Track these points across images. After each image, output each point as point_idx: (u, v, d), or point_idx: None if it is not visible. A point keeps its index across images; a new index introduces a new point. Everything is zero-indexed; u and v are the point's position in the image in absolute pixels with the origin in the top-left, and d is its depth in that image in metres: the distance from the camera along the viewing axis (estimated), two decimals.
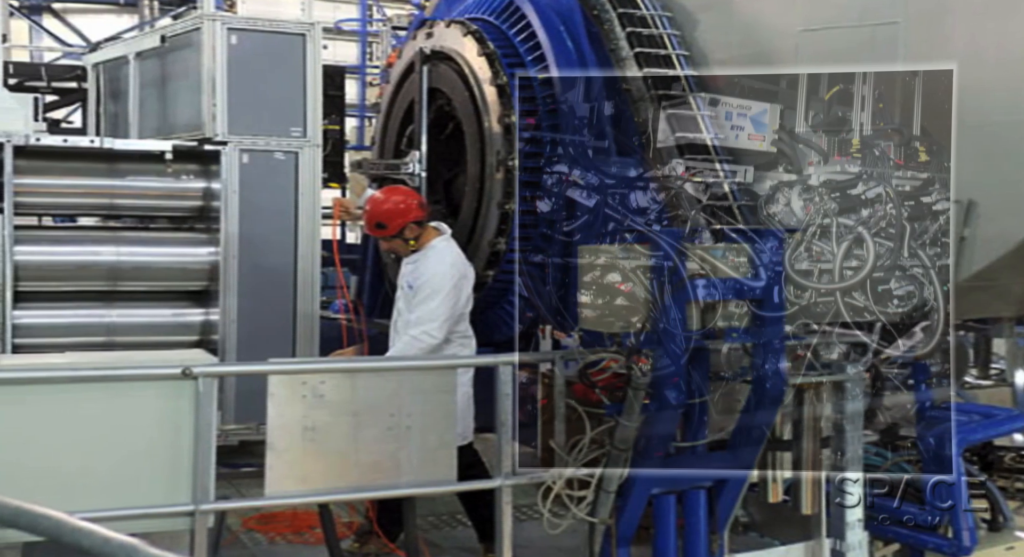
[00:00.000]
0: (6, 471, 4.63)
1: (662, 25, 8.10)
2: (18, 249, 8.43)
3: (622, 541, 5.97)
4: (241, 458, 8.37)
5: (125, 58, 10.26)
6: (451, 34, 9.03)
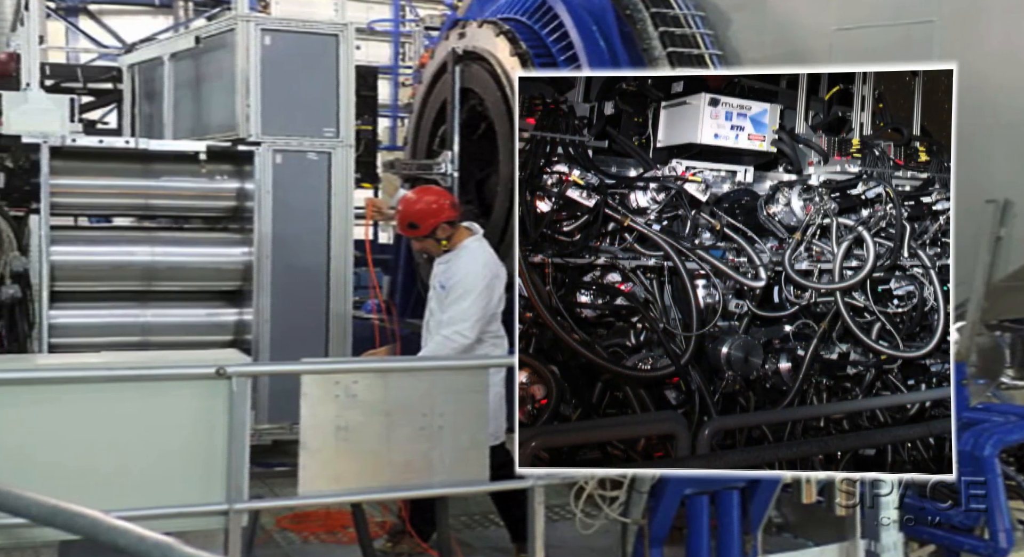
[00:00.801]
0: (43, 470, 4.66)
1: (695, 25, 8.10)
2: (54, 249, 8.50)
3: (655, 541, 5.95)
4: (274, 457, 8.40)
5: (160, 59, 10.32)
6: (484, 34, 9.04)
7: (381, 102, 15.31)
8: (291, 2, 17.25)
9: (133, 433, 4.92)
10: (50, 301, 8.46)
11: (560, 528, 6.73)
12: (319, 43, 9.25)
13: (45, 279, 8.40)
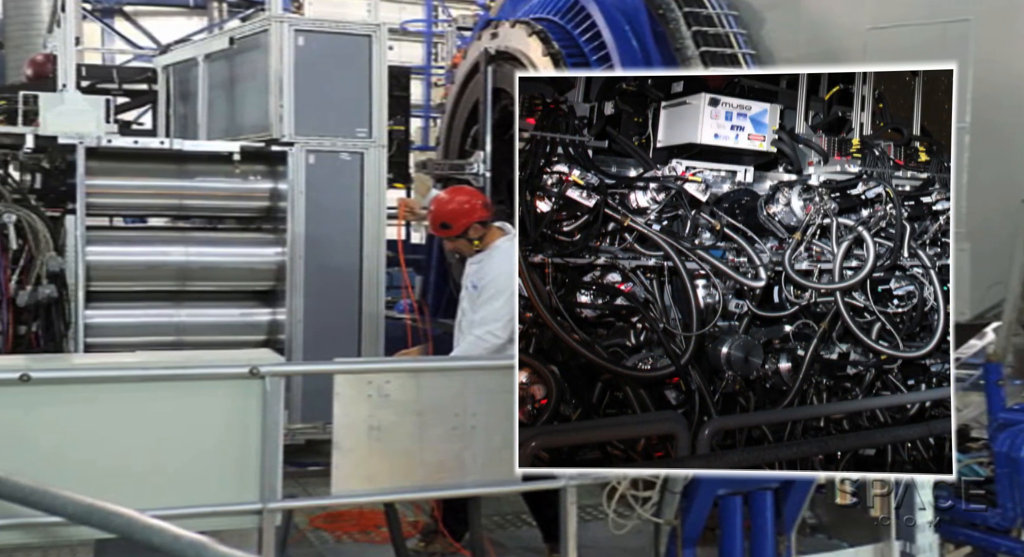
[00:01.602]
0: (79, 469, 4.68)
1: (728, 24, 8.07)
2: (90, 249, 8.56)
3: (688, 542, 5.93)
4: (308, 457, 8.42)
5: (194, 60, 10.38)
6: (516, 34, 9.05)
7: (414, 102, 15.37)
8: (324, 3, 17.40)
9: (168, 432, 4.94)
10: (86, 301, 8.52)
11: (592, 528, 6.73)
12: (352, 43, 9.28)
13: (81, 279, 8.46)
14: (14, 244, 8.01)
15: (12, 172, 8.71)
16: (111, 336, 8.74)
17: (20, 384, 4.65)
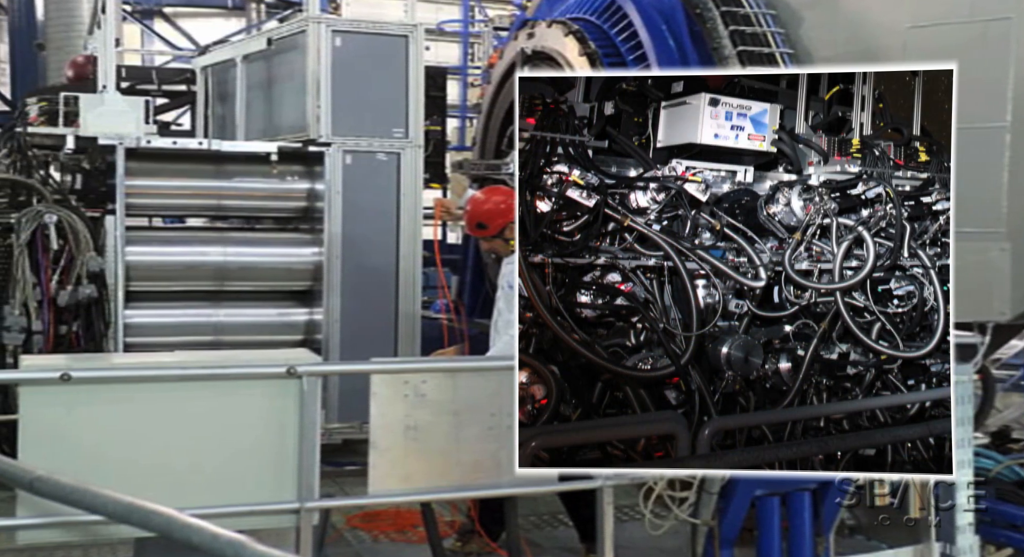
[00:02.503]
0: (119, 468, 4.72)
1: (766, 23, 8.03)
2: (129, 250, 8.62)
3: (725, 543, 5.91)
4: (344, 456, 8.45)
5: (232, 61, 10.44)
6: (552, 34, 9.04)
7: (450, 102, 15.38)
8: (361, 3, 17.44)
9: (206, 432, 4.98)
10: (125, 301, 8.58)
11: (629, 528, 6.72)
12: (389, 44, 9.30)
13: (121, 279, 8.53)
14: (55, 244, 8.08)
15: (53, 173, 8.79)
16: (150, 336, 8.81)
17: (61, 384, 4.70)
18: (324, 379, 6.50)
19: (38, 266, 8.09)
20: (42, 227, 8.08)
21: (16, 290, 8.02)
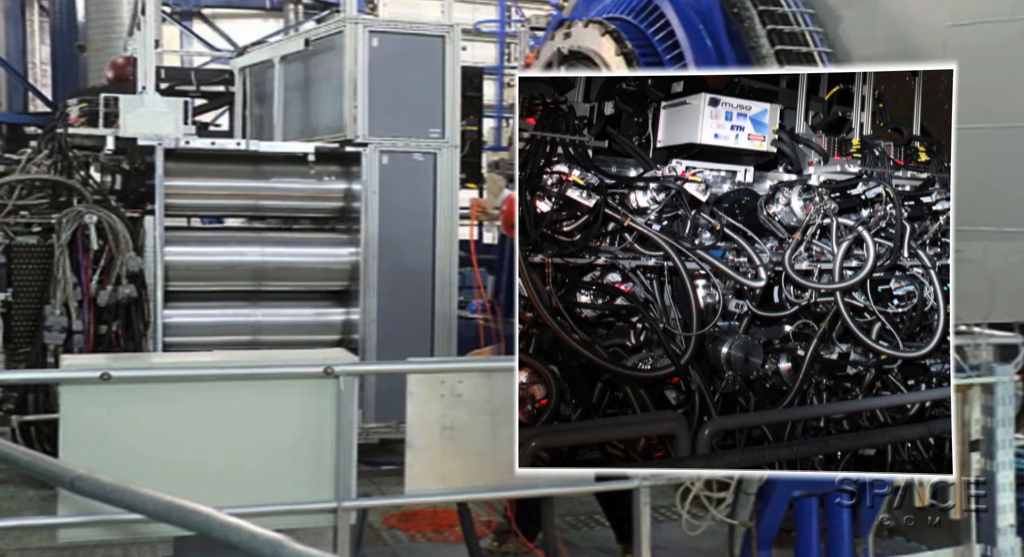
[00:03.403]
0: (158, 467, 4.75)
1: (804, 22, 7.99)
2: (168, 250, 8.68)
3: (763, 544, 5.89)
4: (381, 456, 8.48)
5: (270, 62, 10.49)
6: (589, 34, 9.03)
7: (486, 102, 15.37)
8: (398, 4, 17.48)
9: (244, 431, 5.00)
10: (164, 301, 8.64)
11: (666, 529, 6.70)
12: (425, 44, 9.32)
13: (160, 279, 8.59)
14: (95, 244, 8.14)
15: (93, 173, 8.86)
16: (189, 335, 8.86)
17: (101, 383, 4.73)
18: (361, 379, 6.51)
19: (78, 266, 8.16)
20: (82, 227, 8.15)
21: (57, 290, 8.09)
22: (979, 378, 6.03)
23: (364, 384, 8.57)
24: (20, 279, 8.23)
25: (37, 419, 7.90)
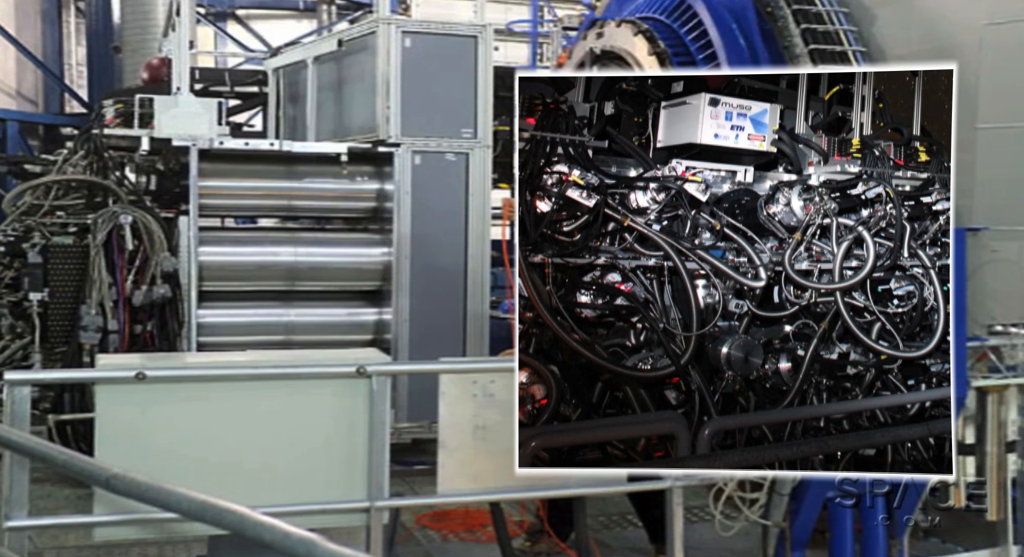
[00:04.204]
0: (192, 466, 4.78)
1: (838, 21, 7.95)
2: (202, 250, 8.72)
3: (797, 545, 5.87)
4: (414, 456, 8.49)
5: (304, 62, 10.53)
6: (622, 34, 9.02)
7: None
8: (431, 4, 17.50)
9: (277, 430, 5.02)
10: (198, 300, 8.68)
11: (699, 529, 6.68)
12: (458, 45, 9.33)
13: (194, 279, 8.63)
14: (130, 245, 8.20)
15: (128, 174, 8.92)
16: (222, 335, 8.90)
17: (136, 383, 4.76)
18: (393, 379, 6.52)
19: (114, 266, 8.21)
20: (118, 228, 8.21)
21: (93, 290, 8.15)
22: (1016, 378, 5.99)
23: (396, 384, 8.59)
24: (56, 279, 8.29)
25: (73, 418, 7.97)
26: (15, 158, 12.04)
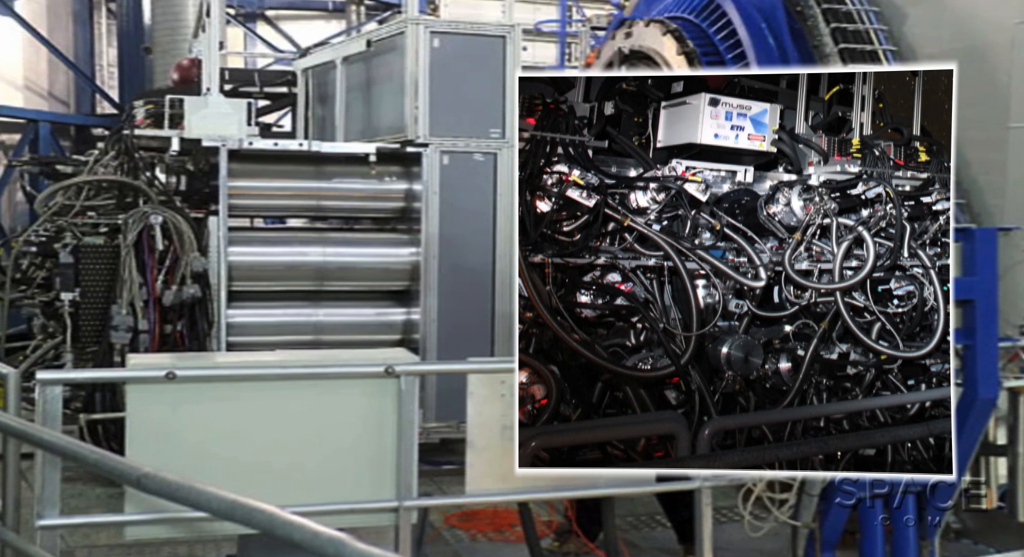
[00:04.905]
0: (222, 465, 4.81)
1: (869, 20, 7.89)
2: (232, 250, 8.76)
3: (826, 546, 5.85)
4: (442, 456, 8.49)
5: (332, 63, 10.56)
6: (650, 33, 8.98)
7: None
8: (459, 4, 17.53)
9: (306, 430, 5.04)
10: (228, 300, 8.72)
11: (728, 530, 6.66)
12: (486, 45, 9.33)
13: (223, 279, 8.67)
14: (160, 245, 8.24)
15: (159, 174, 8.97)
16: (252, 335, 8.94)
17: (166, 382, 4.79)
18: (422, 378, 6.54)
19: (144, 266, 8.26)
20: (148, 228, 8.25)
21: (123, 290, 8.19)
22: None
23: (425, 384, 8.60)
24: (87, 279, 8.35)
25: (104, 417, 8.03)
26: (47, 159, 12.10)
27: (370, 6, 22.87)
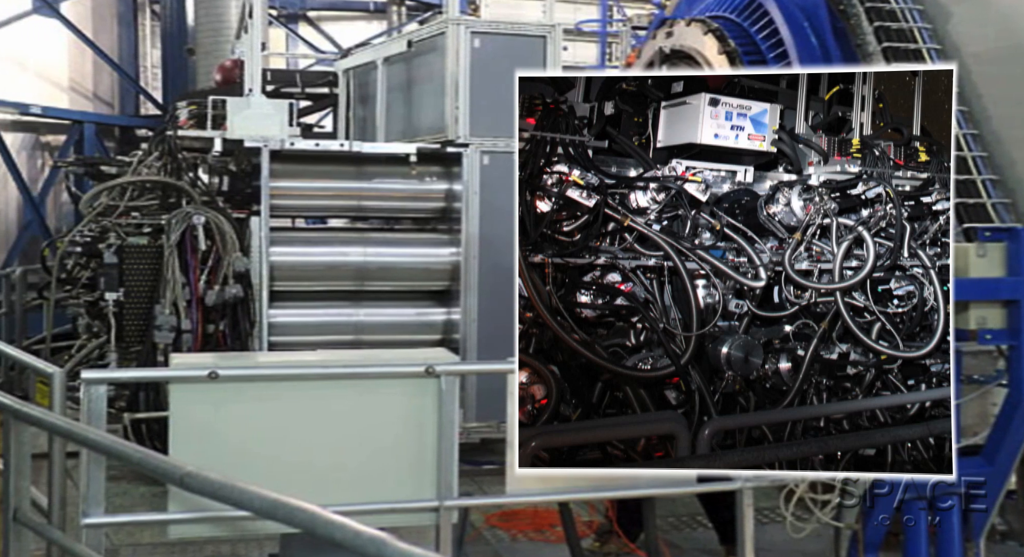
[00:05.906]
0: (264, 464, 4.83)
1: (912, 18, 7.83)
2: (273, 250, 8.81)
3: (870, 547, 5.80)
4: (482, 455, 8.50)
5: (373, 63, 10.59)
6: (691, 33, 8.95)
7: None
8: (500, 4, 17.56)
9: (347, 429, 5.05)
10: (269, 300, 8.76)
11: (770, 531, 6.63)
12: (527, 45, 9.34)
13: (265, 279, 8.71)
14: (203, 245, 8.29)
15: (201, 175, 9.02)
16: (293, 335, 8.98)
17: (209, 382, 4.82)
18: (462, 378, 6.54)
19: (187, 266, 8.31)
20: (191, 228, 8.31)
21: (166, 290, 8.25)
22: None
23: (465, 384, 8.61)
24: (131, 279, 8.41)
25: (148, 417, 8.09)
26: (92, 160, 12.22)
27: (411, 6, 22.96)
